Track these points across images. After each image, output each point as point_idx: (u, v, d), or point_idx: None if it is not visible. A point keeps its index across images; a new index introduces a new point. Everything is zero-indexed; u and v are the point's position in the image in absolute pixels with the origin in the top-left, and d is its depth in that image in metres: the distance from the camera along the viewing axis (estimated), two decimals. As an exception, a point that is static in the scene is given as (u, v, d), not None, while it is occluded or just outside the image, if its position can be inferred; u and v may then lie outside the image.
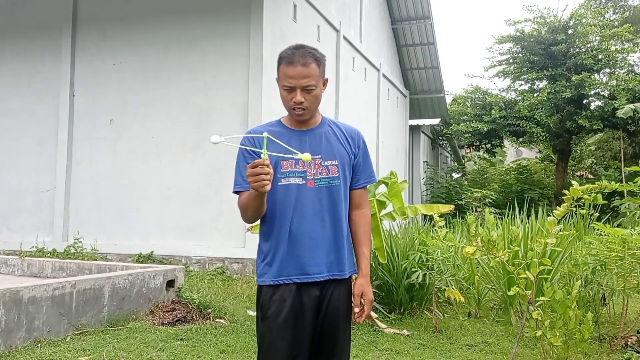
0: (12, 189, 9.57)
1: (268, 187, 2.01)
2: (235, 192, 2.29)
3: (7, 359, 4.00)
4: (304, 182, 2.25)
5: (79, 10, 9.35)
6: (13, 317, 4.25)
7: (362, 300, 2.33)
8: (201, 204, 8.35)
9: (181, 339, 4.73)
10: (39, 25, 9.59)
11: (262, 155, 1.98)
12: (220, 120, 8.34)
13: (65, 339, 4.57)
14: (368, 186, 2.48)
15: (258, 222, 2.35)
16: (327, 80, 2.32)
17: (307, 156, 2.04)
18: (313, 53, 2.24)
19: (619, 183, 4.12)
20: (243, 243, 7.97)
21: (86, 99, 9.20)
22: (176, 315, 5.45)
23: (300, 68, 2.18)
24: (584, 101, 17.28)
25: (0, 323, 4.14)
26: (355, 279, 2.37)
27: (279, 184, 2.24)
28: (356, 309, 2.33)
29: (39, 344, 4.37)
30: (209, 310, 5.62)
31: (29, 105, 9.57)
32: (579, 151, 21.11)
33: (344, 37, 11.55)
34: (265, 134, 2.00)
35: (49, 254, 8.26)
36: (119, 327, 5.01)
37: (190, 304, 5.70)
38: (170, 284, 5.86)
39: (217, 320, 5.47)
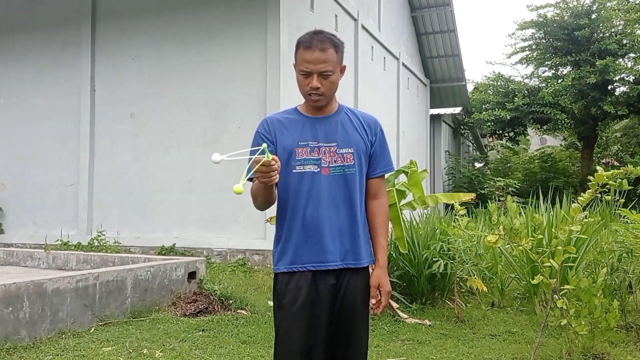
0: (37, 184, 9.72)
1: (275, 180, 2.02)
2: (249, 180, 2.28)
3: (32, 350, 4.06)
4: (319, 169, 2.23)
5: (97, 5, 9.42)
6: (37, 309, 4.31)
7: (379, 292, 2.29)
8: (221, 196, 8.38)
9: (203, 330, 4.76)
10: (59, 21, 9.69)
11: (265, 156, 1.96)
12: (238, 112, 8.35)
13: (89, 330, 4.63)
14: (387, 176, 2.43)
15: (276, 212, 2.34)
16: (344, 67, 2.29)
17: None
18: (331, 38, 2.21)
19: (645, 168, 4.01)
20: (263, 234, 7.98)
21: (107, 93, 9.29)
22: (198, 307, 5.48)
23: (318, 53, 2.16)
24: (609, 87, 16.93)
25: (24, 315, 4.20)
26: (372, 270, 2.33)
27: (294, 171, 2.22)
28: (373, 301, 2.30)
29: (63, 335, 4.43)
30: (230, 302, 5.64)
31: (51, 100, 9.69)
32: (604, 138, 20.70)
33: (363, 26, 11.45)
34: (264, 145, 1.95)
35: (73, 247, 8.39)
36: (142, 318, 5.05)
37: (211, 295, 5.72)
38: (191, 275, 5.90)
39: (239, 311, 5.49)
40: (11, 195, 9.91)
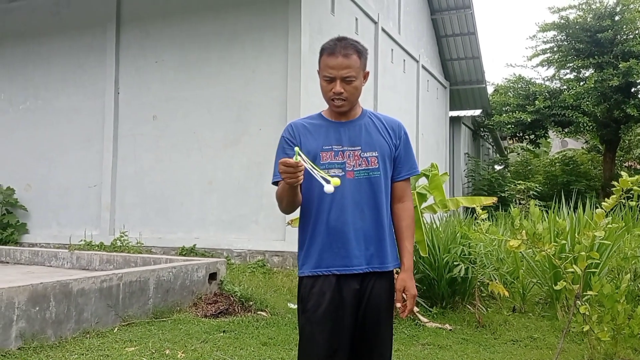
0: (61, 185, 9.88)
1: (300, 180, 2.04)
2: (274, 183, 2.30)
3: (58, 349, 4.13)
4: (343, 173, 2.24)
5: (122, 9, 9.56)
6: (63, 308, 4.39)
7: (405, 296, 2.29)
8: (241, 198, 8.45)
9: (224, 331, 4.80)
10: (84, 24, 9.85)
11: (294, 158, 2.00)
12: (259, 114, 8.40)
13: (113, 330, 4.70)
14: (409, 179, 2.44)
15: (298, 215, 2.36)
16: (368, 73, 2.31)
17: (336, 180, 2.02)
18: (355, 45, 2.24)
19: (671, 173, 3.96)
20: (283, 236, 8.02)
21: (130, 96, 9.41)
22: (219, 308, 5.53)
23: (341, 59, 2.18)
24: (632, 89, 16.68)
25: (51, 315, 4.28)
26: (397, 274, 2.34)
27: None
28: (398, 304, 2.30)
29: (88, 335, 4.50)
30: (251, 303, 5.68)
31: (76, 103, 9.85)
32: (627, 141, 20.38)
33: (383, 29, 11.45)
34: (297, 149, 2.01)
35: (96, 247, 8.51)
36: (164, 319, 5.11)
37: (232, 296, 5.77)
38: (212, 276, 5.95)
39: (259, 312, 5.53)
40: (36, 196, 10.08)
